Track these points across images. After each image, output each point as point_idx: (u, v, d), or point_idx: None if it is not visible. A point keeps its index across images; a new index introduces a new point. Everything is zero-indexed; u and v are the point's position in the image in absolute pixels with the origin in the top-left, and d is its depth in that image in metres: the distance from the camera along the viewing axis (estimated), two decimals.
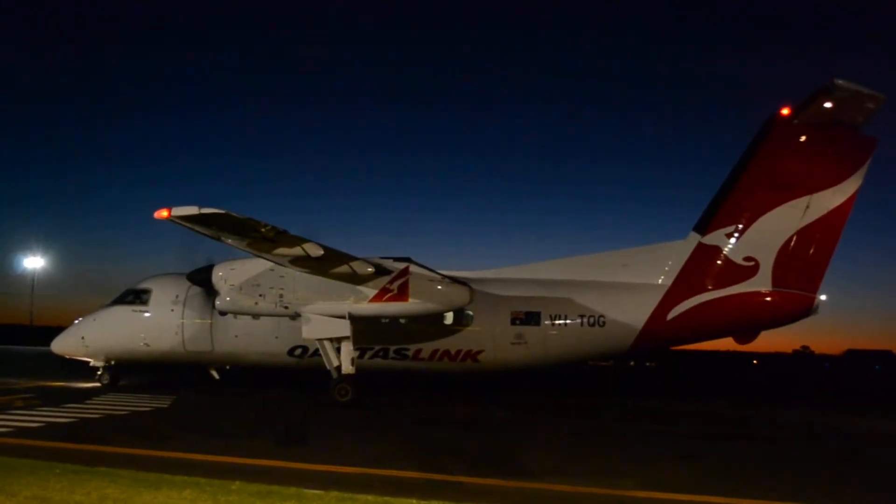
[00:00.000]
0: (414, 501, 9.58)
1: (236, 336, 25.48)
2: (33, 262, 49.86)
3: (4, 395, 22.34)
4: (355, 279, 21.77)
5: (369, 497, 9.71)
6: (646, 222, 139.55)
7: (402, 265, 22.25)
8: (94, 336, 26.25)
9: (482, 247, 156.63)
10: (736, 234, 24.45)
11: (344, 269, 21.12)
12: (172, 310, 25.77)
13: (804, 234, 24.06)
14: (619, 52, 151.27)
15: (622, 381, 45.45)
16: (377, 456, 13.44)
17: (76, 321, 27.29)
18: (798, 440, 18.98)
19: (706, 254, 24.68)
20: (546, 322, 24.69)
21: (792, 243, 24.10)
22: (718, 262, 24.52)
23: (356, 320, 22.47)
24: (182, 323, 25.64)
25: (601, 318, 24.51)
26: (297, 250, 19.81)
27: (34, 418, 17.12)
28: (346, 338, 22.45)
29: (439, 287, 22.29)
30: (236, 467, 11.76)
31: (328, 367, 22.92)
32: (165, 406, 21.05)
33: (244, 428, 17.36)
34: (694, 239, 24.96)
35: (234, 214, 17.52)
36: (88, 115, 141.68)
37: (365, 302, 22.11)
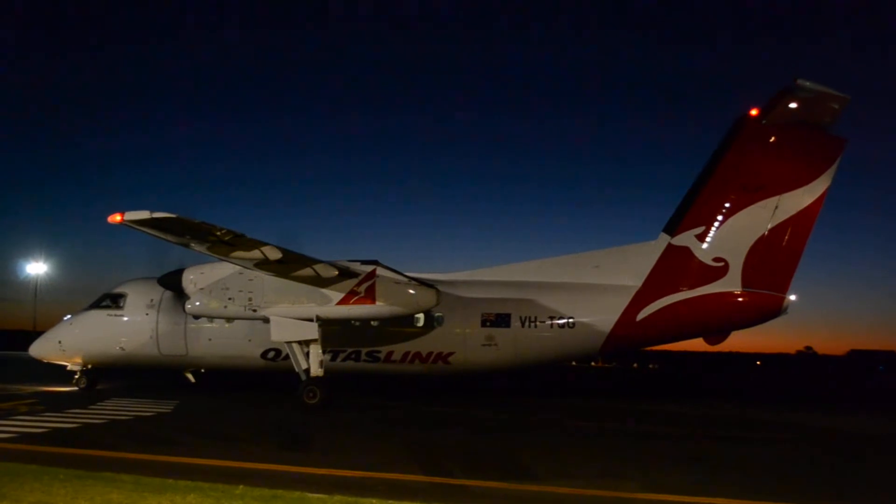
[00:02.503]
0: None
1: (210, 339, 25.71)
2: (36, 268, 50.30)
3: (8, 400, 22.45)
4: (320, 282, 21.94)
5: (373, 500, 9.72)
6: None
7: (369, 268, 22.41)
8: (70, 340, 26.58)
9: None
10: (705, 235, 24.46)
11: (307, 271, 21.30)
12: (147, 314, 26.03)
13: (774, 234, 24.07)
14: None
15: (624, 383, 45.37)
16: (380, 459, 13.50)
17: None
18: (801, 442, 18.83)
19: (676, 255, 24.69)
20: (516, 324, 24.75)
21: (761, 244, 24.10)
22: (688, 262, 24.52)
23: (324, 323, 22.66)
24: (157, 327, 25.88)
25: (571, 320, 24.57)
26: (255, 253, 19.99)
27: (38, 424, 17.19)
28: (315, 340, 22.64)
29: (406, 290, 22.43)
30: (240, 471, 11.81)
31: (297, 370, 23.08)
32: (168, 411, 21.02)
33: (247, 432, 17.41)
34: (664, 240, 24.99)
35: (185, 219, 17.66)
36: (92, 120, 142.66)
37: (332, 305, 22.27)
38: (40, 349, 27.26)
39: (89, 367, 27.10)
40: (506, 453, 15.03)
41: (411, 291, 22.44)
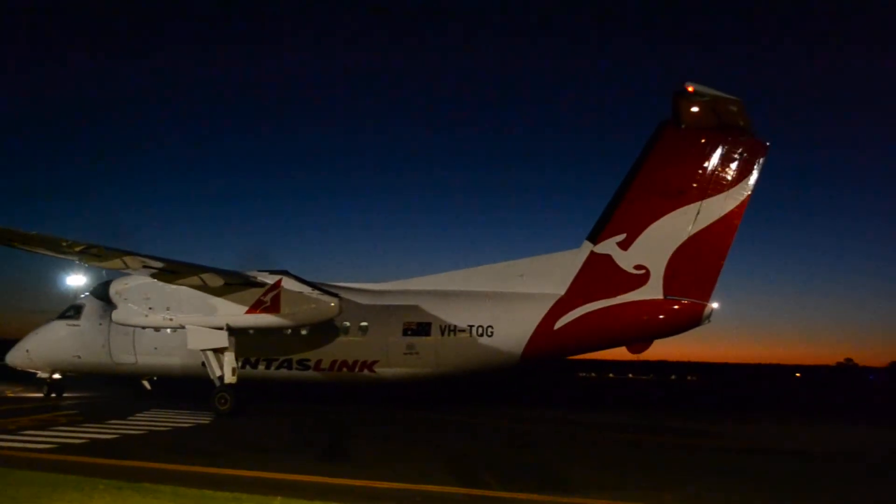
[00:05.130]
0: None
1: (156, 348, 26.93)
2: (75, 280, 53.07)
3: (48, 411, 23.54)
4: (227, 291, 22.87)
5: None
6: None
7: (275, 278, 23.17)
8: (36, 349, 28.42)
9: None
10: (627, 243, 24.04)
11: (194, 280, 22.19)
12: (101, 323, 27.46)
13: (695, 240, 23.49)
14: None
15: (664, 396, 44.59)
16: (416, 470, 13.60)
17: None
18: (835, 457, 18.46)
19: (598, 263, 24.37)
20: (437, 333, 24.93)
21: (683, 251, 23.57)
22: (609, 270, 24.15)
23: (237, 332, 23.62)
24: (109, 336, 27.28)
25: (490, 329, 24.56)
26: (116, 263, 21.02)
27: (77, 434, 17.69)
28: (227, 348, 23.55)
29: (307, 300, 23.07)
30: (278, 483, 11.91)
31: (211, 377, 24.00)
32: (206, 422, 21.45)
33: (285, 443, 17.77)
34: (587, 248, 24.68)
35: (17, 231, 18.69)
36: (123, 132, 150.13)
37: (241, 314, 23.12)
38: (13, 358, 29.16)
39: (54, 375, 28.80)
40: (540, 464, 15.10)
41: (313, 301, 23.05)
